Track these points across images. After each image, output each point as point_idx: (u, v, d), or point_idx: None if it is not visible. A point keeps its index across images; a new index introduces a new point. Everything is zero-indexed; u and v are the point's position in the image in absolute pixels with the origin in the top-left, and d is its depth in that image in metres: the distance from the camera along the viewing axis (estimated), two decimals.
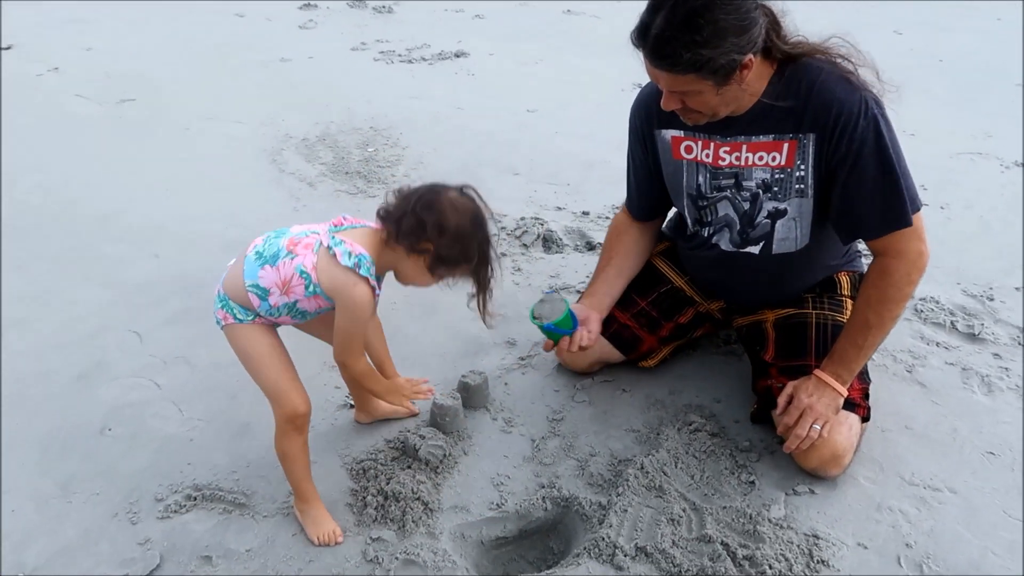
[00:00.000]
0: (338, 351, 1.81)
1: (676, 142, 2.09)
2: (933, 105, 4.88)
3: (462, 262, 1.76)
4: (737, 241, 2.12)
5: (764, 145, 1.97)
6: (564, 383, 2.42)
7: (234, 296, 1.81)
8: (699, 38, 1.70)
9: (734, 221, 2.10)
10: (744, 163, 2.01)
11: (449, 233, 1.71)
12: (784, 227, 2.05)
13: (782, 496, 1.98)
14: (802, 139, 1.92)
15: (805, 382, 2.00)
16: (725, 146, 2.01)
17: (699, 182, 2.10)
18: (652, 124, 2.13)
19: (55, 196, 3.66)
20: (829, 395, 1.97)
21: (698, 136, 2.04)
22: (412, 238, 1.71)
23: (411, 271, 1.79)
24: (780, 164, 1.97)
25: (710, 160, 2.05)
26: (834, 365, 1.99)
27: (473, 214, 1.77)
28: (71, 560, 1.84)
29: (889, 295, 1.95)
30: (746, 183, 2.03)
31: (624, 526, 1.87)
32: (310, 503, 1.90)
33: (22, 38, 6.08)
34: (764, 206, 2.04)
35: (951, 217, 3.46)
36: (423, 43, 6.20)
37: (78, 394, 2.38)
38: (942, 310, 2.75)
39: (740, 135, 1.98)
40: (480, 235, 1.77)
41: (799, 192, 1.99)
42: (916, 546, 1.86)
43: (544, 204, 3.62)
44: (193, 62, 5.72)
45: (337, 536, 1.87)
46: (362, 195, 3.69)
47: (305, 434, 1.88)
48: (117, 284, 2.96)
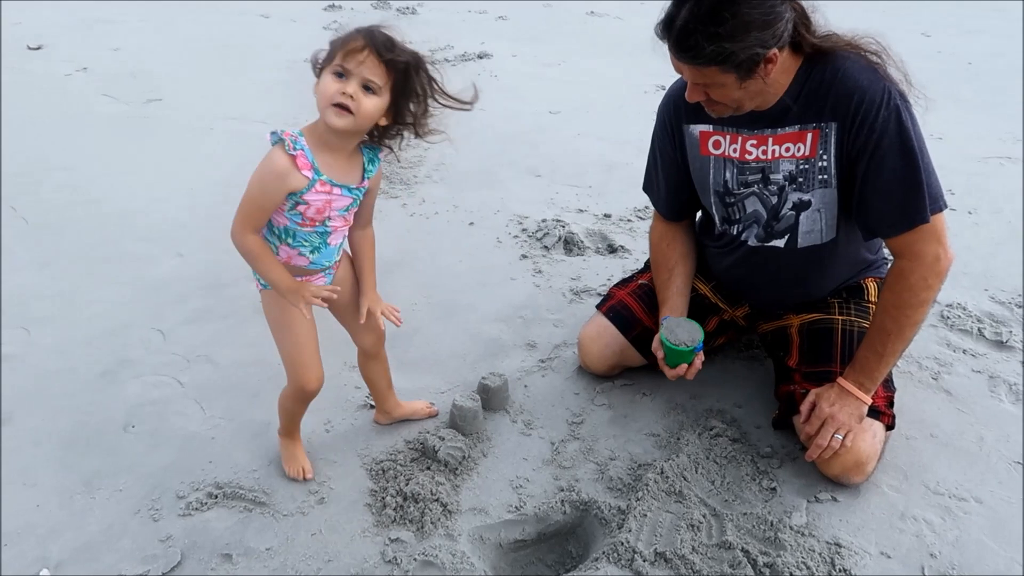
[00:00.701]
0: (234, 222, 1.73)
1: (704, 137, 2.08)
2: (961, 109, 4.82)
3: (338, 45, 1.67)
4: (762, 235, 2.09)
5: (789, 136, 1.95)
6: (584, 386, 2.42)
7: None
8: (722, 31, 1.69)
9: (762, 216, 2.07)
10: (771, 156, 1.99)
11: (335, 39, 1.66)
12: (809, 219, 2.02)
13: (804, 503, 1.96)
14: (824, 128, 1.90)
15: (828, 391, 1.98)
16: (752, 139, 1.99)
17: (726, 178, 2.08)
18: (680, 119, 2.12)
19: (81, 194, 3.70)
20: (852, 404, 1.94)
21: (726, 130, 2.03)
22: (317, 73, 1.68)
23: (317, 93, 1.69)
24: (804, 155, 1.95)
25: (737, 155, 2.03)
26: (856, 374, 1.97)
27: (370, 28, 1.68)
28: (94, 555, 1.86)
29: (905, 300, 1.90)
30: (773, 176, 2.01)
31: (643, 531, 1.86)
32: (292, 438, 2.09)
33: (52, 39, 6.16)
34: (789, 197, 2.01)
35: (979, 222, 3.41)
36: (446, 44, 6.22)
37: (102, 391, 2.40)
38: (969, 317, 2.71)
39: (767, 127, 1.97)
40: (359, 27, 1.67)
41: (822, 183, 1.96)
42: (941, 556, 1.83)
43: (566, 206, 3.62)
44: (218, 62, 5.77)
45: (307, 472, 2.05)
46: (384, 195, 3.70)
47: (310, 402, 2.01)
48: (141, 282, 2.99)
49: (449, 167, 4.02)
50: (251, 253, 1.75)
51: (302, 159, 1.68)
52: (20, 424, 2.26)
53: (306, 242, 1.82)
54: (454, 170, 4.00)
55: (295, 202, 1.73)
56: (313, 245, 1.83)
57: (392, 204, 3.61)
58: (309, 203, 1.74)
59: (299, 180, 1.69)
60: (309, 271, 1.88)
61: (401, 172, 3.95)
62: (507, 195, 3.73)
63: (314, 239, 1.82)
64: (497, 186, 3.83)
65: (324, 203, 1.76)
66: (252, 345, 2.58)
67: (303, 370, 1.90)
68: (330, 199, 1.76)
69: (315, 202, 1.74)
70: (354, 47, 1.62)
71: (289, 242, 1.81)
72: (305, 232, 1.80)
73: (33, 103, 4.88)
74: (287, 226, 1.78)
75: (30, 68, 5.52)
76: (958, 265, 3.05)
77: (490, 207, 3.61)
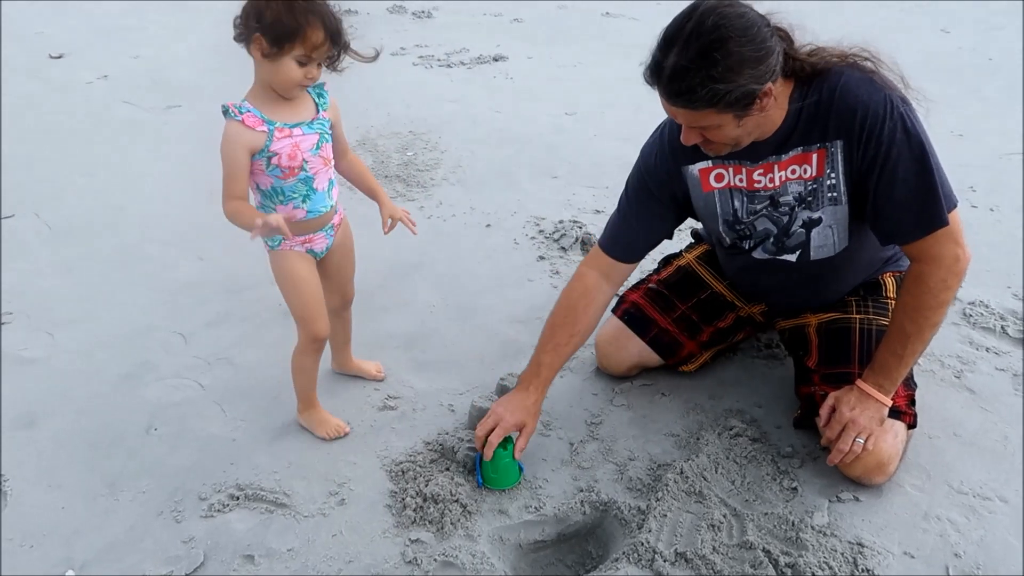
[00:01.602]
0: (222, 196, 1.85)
1: (705, 174, 2.03)
2: (982, 105, 4.77)
3: (294, 34, 1.72)
4: (772, 250, 2.08)
5: (794, 159, 1.92)
6: (603, 387, 2.41)
7: None
8: (715, 73, 1.64)
9: (772, 233, 2.06)
10: (779, 182, 1.96)
11: (264, 9, 1.71)
12: (820, 235, 2.00)
13: (825, 503, 1.95)
14: (829, 147, 1.87)
15: (847, 394, 1.96)
16: (758, 170, 1.96)
17: (735, 207, 2.05)
18: (678, 162, 2.05)
19: (103, 200, 3.75)
20: (872, 407, 1.92)
21: (728, 163, 1.99)
22: (246, 39, 1.76)
23: (270, 73, 1.80)
24: (811, 176, 1.92)
25: (744, 184, 2.00)
26: (875, 376, 1.94)
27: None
28: (117, 556, 1.88)
29: (925, 302, 1.87)
30: (783, 199, 1.98)
31: (663, 531, 1.85)
32: (315, 407, 2.21)
33: (73, 47, 6.24)
34: (799, 216, 1.99)
35: (1001, 219, 3.37)
36: (462, 47, 6.24)
37: (125, 394, 2.43)
38: (992, 314, 2.68)
39: (771, 155, 1.93)
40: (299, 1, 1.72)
41: (832, 200, 1.94)
42: (965, 556, 1.81)
43: (582, 207, 3.61)
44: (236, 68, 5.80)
45: (343, 428, 2.18)
46: (401, 198, 3.71)
47: (320, 353, 2.14)
48: (162, 286, 3.02)
49: (466, 169, 4.03)
50: (231, 212, 1.84)
51: (250, 118, 1.82)
52: (44, 427, 2.29)
53: (295, 193, 1.93)
54: (471, 172, 4.01)
55: (267, 157, 1.85)
56: (302, 194, 1.94)
57: (409, 207, 3.62)
58: (278, 152, 1.85)
59: (257, 137, 1.83)
60: (309, 226, 2.00)
61: (418, 175, 3.96)
62: (524, 196, 3.74)
63: (301, 188, 1.93)
64: (514, 188, 3.83)
65: (292, 147, 1.87)
66: (272, 348, 2.60)
67: (312, 320, 2.05)
68: (295, 141, 1.87)
69: (283, 149, 1.86)
70: (316, 41, 1.74)
71: (281, 200, 1.93)
72: (291, 184, 1.91)
73: (55, 111, 4.95)
74: (272, 184, 1.90)
75: (52, 76, 5.60)
76: (980, 263, 3.02)
77: (507, 209, 3.61)
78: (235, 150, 1.82)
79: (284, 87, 1.82)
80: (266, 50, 1.74)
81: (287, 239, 1.98)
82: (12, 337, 2.71)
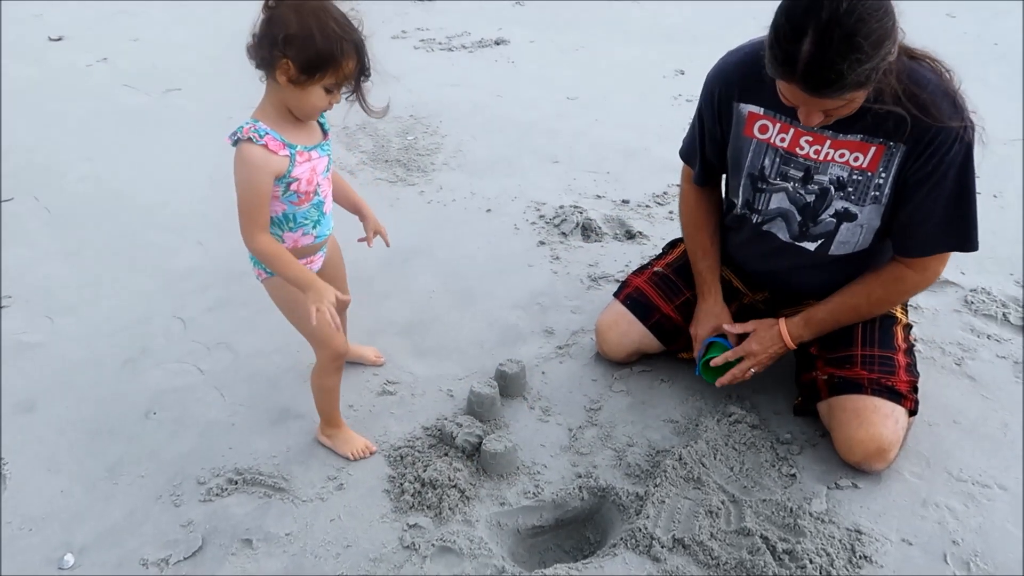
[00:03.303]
0: (240, 227, 1.73)
1: (752, 119, 2.00)
2: (987, 90, 4.73)
3: (327, 63, 1.62)
4: (796, 233, 2.05)
5: (849, 144, 1.88)
6: (602, 373, 2.41)
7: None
8: (861, 56, 1.54)
9: (791, 213, 2.03)
10: (822, 158, 1.92)
11: (296, 36, 1.59)
12: (849, 231, 1.98)
13: (824, 490, 1.95)
14: (891, 147, 1.83)
15: (767, 331, 2.11)
16: (807, 136, 1.92)
17: (764, 164, 2.02)
18: (732, 95, 2.02)
19: (103, 185, 3.74)
20: (778, 349, 2.10)
21: (778, 118, 1.95)
22: (268, 62, 1.63)
23: (294, 98, 1.68)
24: (861, 166, 1.88)
25: (785, 145, 1.96)
26: (800, 327, 2.08)
27: (317, 6, 1.63)
28: (117, 540, 1.88)
29: (892, 299, 2.04)
30: (817, 176, 1.95)
31: (661, 517, 1.85)
32: (341, 427, 2.11)
33: (72, 30, 6.21)
34: (833, 204, 1.96)
35: (1004, 206, 3.36)
36: (463, 31, 6.19)
37: (125, 379, 2.43)
38: (993, 301, 2.67)
39: (828, 129, 1.88)
40: (331, 25, 1.62)
41: (874, 199, 1.91)
42: (963, 543, 1.81)
43: (584, 192, 3.60)
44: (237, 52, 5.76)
45: (371, 448, 2.09)
46: (401, 183, 3.70)
47: (342, 369, 2.05)
48: (162, 271, 3.01)
49: (466, 154, 4.01)
50: (267, 254, 1.76)
51: (272, 143, 1.70)
52: (44, 412, 2.30)
53: (307, 220, 1.86)
54: (471, 157, 3.99)
55: (287, 183, 1.76)
56: (314, 220, 1.87)
57: (409, 191, 3.61)
58: (299, 178, 1.77)
59: (280, 162, 1.72)
60: (312, 249, 1.94)
61: (418, 160, 3.95)
62: (524, 182, 3.72)
63: (313, 214, 1.86)
64: (514, 173, 3.82)
65: (311, 171, 1.79)
66: (272, 333, 2.60)
67: (331, 338, 1.94)
68: (312, 164, 1.80)
69: (303, 174, 1.78)
70: (349, 71, 1.66)
71: (291, 227, 1.84)
72: (303, 210, 1.83)
73: (55, 94, 4.92)
74: (285, 211, 1.81)
75: (51, 59, 5.57)
76: (982, 250, 2.97)
77: (508, 194, 3.60)
78: (260, 177, 1.69)
79: (307, 113, 1.73)
80: (294, 77, 1.63)
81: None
82: (12, 322, 2.71)
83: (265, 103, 1.73)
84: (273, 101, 1.72)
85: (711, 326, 2.20)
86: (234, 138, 1.71)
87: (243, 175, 1.70)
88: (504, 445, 2.01)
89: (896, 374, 1.99)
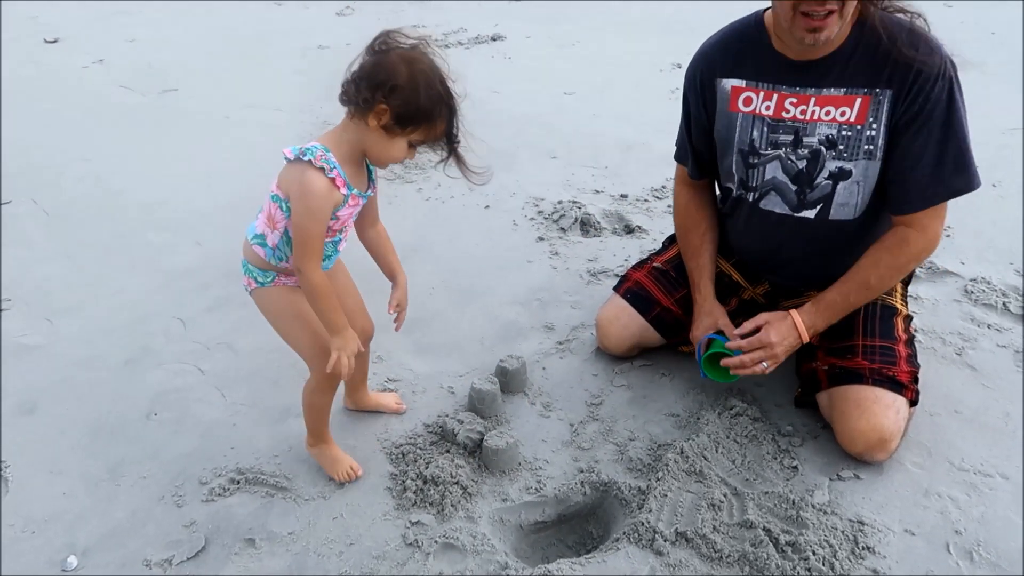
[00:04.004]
0: (295, 253, 1.71)
1: (736, 93, 2.04)
2: (985, 79, 4.72)
3: (423, 119, 1.66)
4: (794, 202, 2.05)
5: (834, 99, 1.91)
6: (603, 367, 2.41)
7: (251, 259, 1.85)
8: None
9: (784, 185, 2.04)
10: (809, 117, 1.95)
11: (403, 88, 1.61)
12: (846, 191, 1.98)
13: (826, 481, 1.95)
14: (878, 94, 1.87)
15: (780, 323, 2.01)
16: (792, 97, 1.95)
17: (753, 136, 2.03)
18: (714, 73, 2.07)
19: (101, 185, 3.73)
20: (792, 342, 2.00)
21: (760, 87, 1.99)
22: (366, 104, 1.62)
23: (377, 144, 1.69)
24: (849, 120, 1.91)
25: (771, 112, 1.99)
26: (814, 316, 2.01)
27: (427, 65, 1.66)
28: (120, 541, 1.88)
29: (900, 264, 1.96)
30: (807, 139, 1.97)
31: (664, 511, 1.85)
32: (328, 444, 2.03)
33: (68, 31, 6.20)
34: (827, 165, 1.97)
35: (1004, 195, 3.35)
36: (459, 27, 6.19)
37: (125, 379, 2.43)
38: (993, 291, 2.67)
39: (811, 87, 1.93)
40: (436, 86, 1.66)
41: (868, 153, 1.92)
42: (966, 533, 1.81)
43: (582, 187, 3.59)
44: (232, 51, 5.78)
45: (356, 471, 2.00)
46: (399, 180, 3.70)
47: (336, 388, 1.97)
48: (161, 271, 3.01)
49: (464, 150, 4.00)
50: (318, 290, 1.73)
51: (339, 179, 1.68)
52: (45, 413, 2.29)
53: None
54: (469, 153, 3.98)
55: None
56: (327, 254, 1.82)
57: (408, 189, 3.60)
58: (340, 217, 1.75)
59: (337, 199, 1.70)
60: None
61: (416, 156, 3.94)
62: (523, 177, 3.72)
63: (328, 248, 1.81)
64: (513, 169, 3.81)
65: (348, 214, 1.78)
66: (271, 333, 2.57)
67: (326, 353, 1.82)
68: (353, 209, 1.78)
69: (344, 215, 1.76)
70: (439, 133, 1.71)
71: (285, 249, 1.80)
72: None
73: (51, 96, 4.92)
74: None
75: (47, 61, 5.56)
76: (982, 239, 3.01)
77: (506, 190, 3.59)
78: (326, 208, 1.68)
79: (383, 161, 1.75)
80: (387, 124, 1.64)
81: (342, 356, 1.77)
82: (11, 324, 2.71)
83: (340, 138, 1.71)
84: (351, 139, 1.71)
85: (706, 325, 2.17)
86: (299, 157, 1.66)
87: (309, 203, 1.66)
88: (506, 441, 2.01)
89: (897, 364, 1.99)
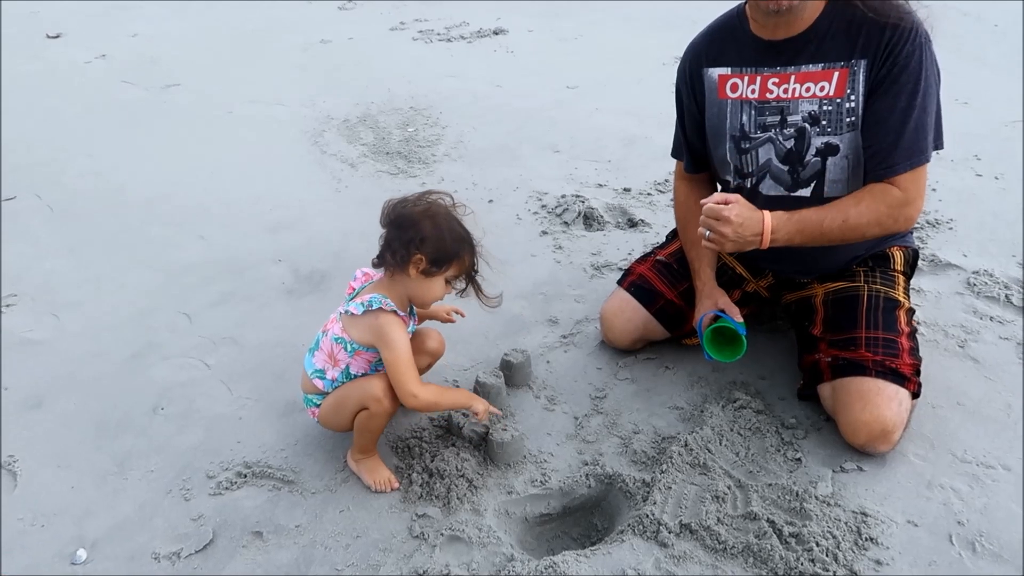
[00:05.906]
0: (398, 388, 1.90)
1: (722, 80, 2.09)
2: (987, 72, 4.72)
3: (452, 258, 1.90)
4: (788, 183, 2.07)
5: (812, 75, 1.95)
6: (606, 361, 2.42)
7: (309, 390, 2.03)
8: None
9: (779, 168, 2.07)
10: (791, 95, 1.99)
11: (430, 236, 1.86)
12: (836, 166, 2.01)
13: (829, 473, 1.95)
14: (853, 66, 1.91)
15: (749, 212, 1.91)
16: (773, 77, 2.00)
17: (743, 121, 2.08)
18: (701, 63, 2.13)
19: (104, 180, 3.74)
20: (750, 232, 1.91)
21: (744, 71, 2.05)
22: (404, 259, 1.87)
23: (419, 288, 1.93)
24: (828, 94, 1.94)
25: (756, 95, 2.04)
26: (785, 222, 1.93)
27: (444, 213, 1.92)
28: (128, 535, 1.90)
29: (880, 210, 1.92)
30: (791, 118, 2.01)
31: (668, 503, 1.86)
32: (373, 455, 2.05)
33: (70, 27, 6.20)
34: (813, 142, 2.00)
35: (1006, 187, 3.35)
36: (462, 21, 6.19)
37: (131, 374, 2.44)
38: (996, 283, 2.67)
39: (789, 65, 1.97)
40: (457, 227, 1.92)
41: (851, 125, 1.95)
42: (968, 524, 1.82)
43: (585, 181, 3.60)
44: (235, 46, 5.78)
45: (393, 483, 2.00)
46: (403, 175, 3.70)
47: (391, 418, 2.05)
48: (166, 266, 3.02)
49: (467, 144, 4.01)
50: (431, 399, 1.93)
51: (406, 318, 1.95)
52: (52, 408, 2.31)
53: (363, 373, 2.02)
54: (472, 148, 3.99)
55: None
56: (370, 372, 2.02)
57: (411, 184, 3.61)
58: None
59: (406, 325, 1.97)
60: None
61: (419, 151, 3.95)
62: (526, 172, 3.72)
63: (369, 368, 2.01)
64: (516, 163, 3.82)
65: None
66: (276, 327, 2.61)
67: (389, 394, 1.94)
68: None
69: None
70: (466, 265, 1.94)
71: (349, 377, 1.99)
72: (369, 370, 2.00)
73: (54, 91, 4.93)
74: (359, 371, 1.99)
75: (50, 56, 5.56)
76: (984, 231, 3.01)
77: (509, 184, 3.60)
78: (406, 336, 1.91)
79: (426, 301, 1.98)
80: (425, 268, 1.88)
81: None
82: (17, 319, 2.72)
83: (391, 292, 1.94)
84: (399, 292, 1.95)
85: (707, 307, 2.18)
86: (366, 308, 1.89)
87: (397, 336, 1.89)
88: (511, 434, 2.02)
89: (900, 357, 2.00)
